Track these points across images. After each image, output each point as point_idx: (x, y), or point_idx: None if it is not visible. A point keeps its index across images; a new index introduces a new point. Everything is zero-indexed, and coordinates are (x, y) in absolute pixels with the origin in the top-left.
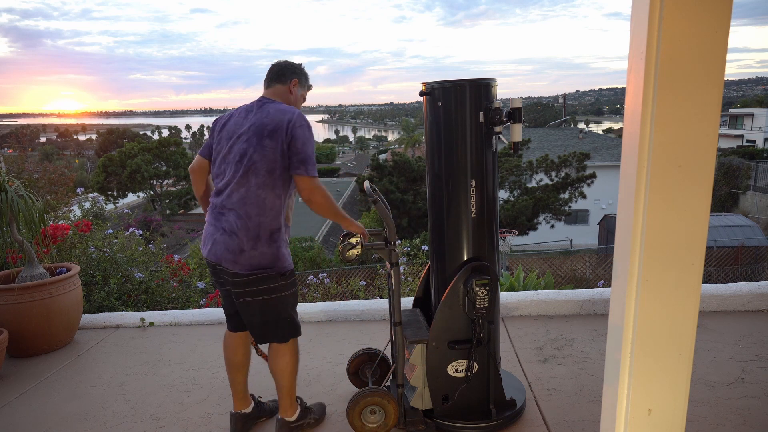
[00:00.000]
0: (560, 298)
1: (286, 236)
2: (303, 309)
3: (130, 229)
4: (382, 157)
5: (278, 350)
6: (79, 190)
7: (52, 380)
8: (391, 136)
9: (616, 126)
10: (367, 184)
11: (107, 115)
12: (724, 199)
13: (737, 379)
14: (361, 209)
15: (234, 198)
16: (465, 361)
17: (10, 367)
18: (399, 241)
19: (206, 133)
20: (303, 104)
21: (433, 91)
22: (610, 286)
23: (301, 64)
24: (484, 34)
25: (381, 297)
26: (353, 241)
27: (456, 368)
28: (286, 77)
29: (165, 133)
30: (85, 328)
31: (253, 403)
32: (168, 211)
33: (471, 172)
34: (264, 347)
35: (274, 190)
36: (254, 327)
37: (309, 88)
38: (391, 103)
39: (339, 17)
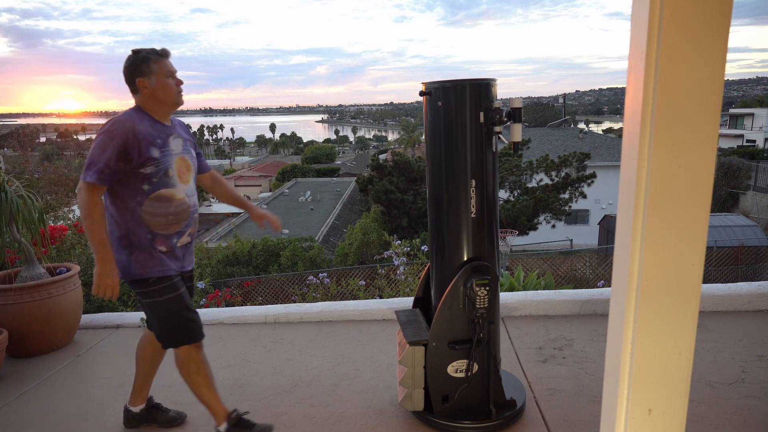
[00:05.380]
0: (560, 298)
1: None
2: (303, 309)
3: None
4: (382, 157)
5: None
6: None
7: (52, 380)
8: (391, 136)
9: (616, 126)
10: None
11: (107, 115)
12: (724, 199)
13: (737, 379)
14: (361, 209)
15: None
16: (465, 361)
17: (10, 367)
18: (399, 242)
19: (207, 133)
20: (178, 84)
21: (433, 91)
22: (610, 286)
23: (133, 54)
24: (484, 34)
25: (381, 297)
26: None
27: (456, 368)
28: (132, 84)
29: None
30: (85, 328)
31: (144, 405)
32: None
33: (471, 172)
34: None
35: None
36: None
37: (159, 60)
38: (391, 103)
39: (339, 17)
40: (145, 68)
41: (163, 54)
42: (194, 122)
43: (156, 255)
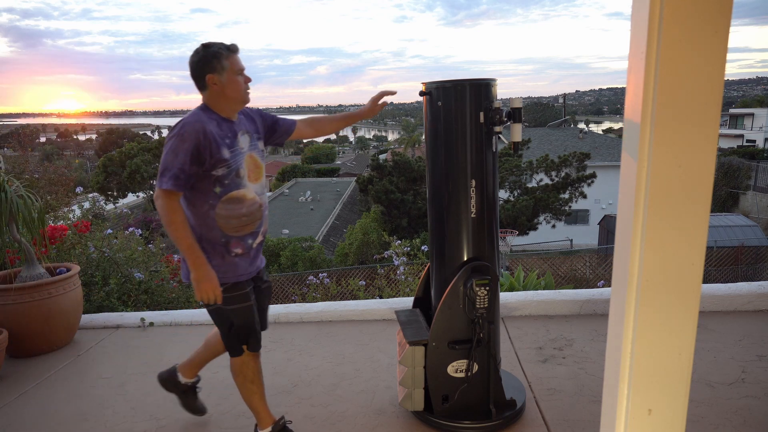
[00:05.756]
0: (560, 298)
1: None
2: (303, 309)
3: (130, 229)
4: (382, 157)
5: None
6: (78, 189)
7: (52, 380)
8: (391, 136)
9: (616, 126)
10: None
11: (107, 115)
12: (724, 199)
13: (737, 379)
14: (361, 209)
15: None
16: (465, 361)
17: (10, 367)
18: (399, 242)
19: None
20: (247, 81)
21: (433, 91)
22: (610, 286)
23: (203, 48)
24: (484, 34)
25: (381, 297)
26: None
27: (456, 368)
28: (201, 80)
29: (165, 133)
30: (85, 328)
31: (195, 379)
32: None
33: (471, 172)
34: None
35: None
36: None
37: (230, 56)
38: (391, 103)
39: (339, 17)
40: (217, 64)
41: (233, 49)
42: None
43: (229, 260)
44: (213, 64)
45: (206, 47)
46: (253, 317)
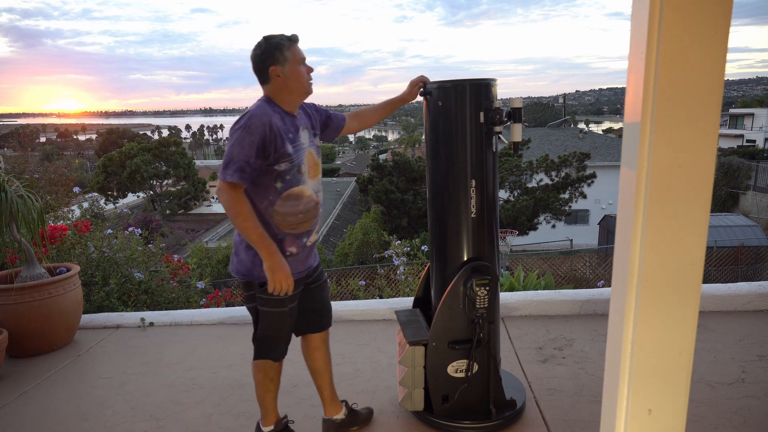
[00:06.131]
0: (560, 298)
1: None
2: None
3: (130, 229)
4: (382, 157)
5: None
6: (77, 189)
7: (52, 380)
8: (391, 136)
9: (616, 126)
10: None
11: (107, 115)
12: (724, 199)
13: (737, 379)
14: (361, 209)
15: None
16: (465, 361)
17: (10, 367)
18: (398, 241)
19: (207, 133)
20: (309, 71)
21: (433, 91)
22: (610, 286)
23: (265, 41)
24: (485, 34)
25: (381, 297)
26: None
27: (456, 368)
28: (264, 73)
29: (165, 133)
30: (85, 328)
31: (344, 410)
32: (168, 211)
33: (471, 172)
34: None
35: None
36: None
37: (292, 47)
38: None
39: (339, 17)
40: (279, 55)
41: (294, 39)
42: (194, 122)
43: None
44: (275, 55)
45: (268, 39)
46: (282, 327)
